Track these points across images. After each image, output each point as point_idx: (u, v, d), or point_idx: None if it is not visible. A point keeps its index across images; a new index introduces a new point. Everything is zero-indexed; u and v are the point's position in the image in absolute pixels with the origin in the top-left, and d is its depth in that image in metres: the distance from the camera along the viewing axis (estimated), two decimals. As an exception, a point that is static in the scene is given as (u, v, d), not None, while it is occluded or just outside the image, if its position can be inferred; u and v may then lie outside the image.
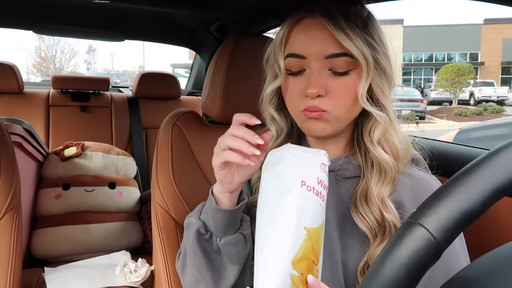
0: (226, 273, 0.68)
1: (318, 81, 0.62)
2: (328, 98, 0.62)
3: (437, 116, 14.36)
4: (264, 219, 0.53)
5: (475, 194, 0.34)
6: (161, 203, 1.00)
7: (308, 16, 0.63)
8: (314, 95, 0.62)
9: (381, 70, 0.63)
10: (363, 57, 0.60)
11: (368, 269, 0.37)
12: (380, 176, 0.65)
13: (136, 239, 1.66)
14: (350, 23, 0.60)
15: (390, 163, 0.64)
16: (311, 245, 0.51)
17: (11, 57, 54.49)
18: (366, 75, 0.61)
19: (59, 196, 1.59)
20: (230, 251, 0.66)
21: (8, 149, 1.02)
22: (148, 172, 2.23)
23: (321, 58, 0.62)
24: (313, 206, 0.51)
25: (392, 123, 0.65)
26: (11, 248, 0.96)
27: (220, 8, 1.55)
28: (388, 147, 0.66)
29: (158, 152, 1.04)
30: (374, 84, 0.63)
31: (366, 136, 0.66)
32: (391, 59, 0.66)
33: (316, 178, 0.52)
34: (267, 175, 0.56)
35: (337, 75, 0.62)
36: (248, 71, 1.01)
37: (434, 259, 0.34)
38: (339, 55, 0.61)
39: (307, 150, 0.55)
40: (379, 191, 0.64)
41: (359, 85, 0.62)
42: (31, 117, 1.99)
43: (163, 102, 2.42)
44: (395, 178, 0.65)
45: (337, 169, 0.69)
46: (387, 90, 0.64)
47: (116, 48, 72.85)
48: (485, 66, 26.17)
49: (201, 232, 0.67)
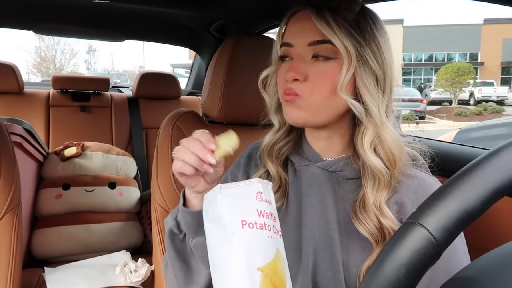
0: (199, 274, 0.70)
1: (298, 67, 0.64)
2: (306, 84, 0.64)
3: (437, 116, 14.36)
4: (216, 273, 0.51)
5: (475, 194, 0.34)
6: (161, 203, 1.00)
7: (302, 9, 0.67)
8: (291, 77, 0.64)
9: (366, 67, 0.63)
10: (343, 47, 0.61)
11: (368, 269, 0.37)
12: (374, 182, 0.64)
13: (136, 239, 1.66)
14: (336, 16, 0.62)
15: (381, 170, 0.63)
16: (270, 282, 0.48)
17: (11, 57, 54.60)
18: (348, 66, 0.62)
19: (59, 196, 1.59)
20: (201, 252, 0.67)
21: (8, 149, 1.02)
22: (148, 172, 2.23)
23: (305, 45, 0.65)
24: (260, 243, 0.49)
25: (382, 125, 0.64)
26: (11, 248, 0.96)
27: (220, 8, 1.55)
28: (383, 152, 0.64)
29: (158, 152, 1.04)
30: (357, 80, 0.63)
31: (358, 140, 0.66)
32: (385, 64, 0.65)
33: (255, 211, 0.50)
34: (207, 222, 0.53)
35: (319, 60, 0.64)
36: (248, 71, 1.01)
37: (434, 259, 0.34)
38: (321, 41, 0.63)
39: (239, 184, 0.53)
40: (375, 198, 0.63)
41: (340, 74, 0.62)
42: (31, 117, 1.99)
43: (163, 102, 2.42)
44: (391, 183, 0.64)
45: (338, 170, 0.69)
46: (373, 89, 0.63)
47: (116, 48, 72.91)
48: (485, 66, 26.17)
49: (174, 232, 0.70)
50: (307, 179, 0.71)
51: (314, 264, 0.66)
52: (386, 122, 0.64)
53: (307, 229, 0.68)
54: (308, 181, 0.70)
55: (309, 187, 0.70)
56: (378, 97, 0.64)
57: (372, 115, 0.63)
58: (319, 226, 0.67)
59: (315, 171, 0.70)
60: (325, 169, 0.70)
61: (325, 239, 0.66)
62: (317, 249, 0.66)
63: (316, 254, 0.66)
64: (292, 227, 0.70)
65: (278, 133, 0.74)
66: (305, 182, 0.71)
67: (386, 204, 0.64)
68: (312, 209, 0.68)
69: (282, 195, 0.72)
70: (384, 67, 0.65)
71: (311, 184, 0.70)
